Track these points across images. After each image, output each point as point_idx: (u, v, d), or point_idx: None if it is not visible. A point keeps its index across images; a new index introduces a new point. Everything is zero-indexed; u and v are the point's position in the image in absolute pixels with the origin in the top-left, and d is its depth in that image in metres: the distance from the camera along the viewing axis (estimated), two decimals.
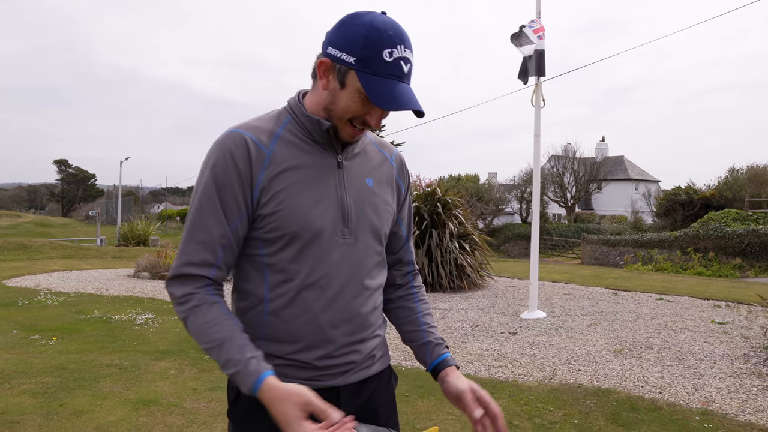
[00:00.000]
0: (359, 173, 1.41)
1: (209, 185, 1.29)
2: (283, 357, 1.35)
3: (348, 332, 1.37)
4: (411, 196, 1.61)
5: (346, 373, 1.40)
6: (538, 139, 8.18)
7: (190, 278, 1.30)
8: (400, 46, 1.24)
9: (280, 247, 1.31)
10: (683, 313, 8.34)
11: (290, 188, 1.30)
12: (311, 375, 1.36)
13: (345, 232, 1.35)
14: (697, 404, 4.44)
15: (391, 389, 1.54)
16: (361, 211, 1.38)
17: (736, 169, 31.07)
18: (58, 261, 15.41)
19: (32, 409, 3.98)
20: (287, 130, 1.35)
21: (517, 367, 5.50)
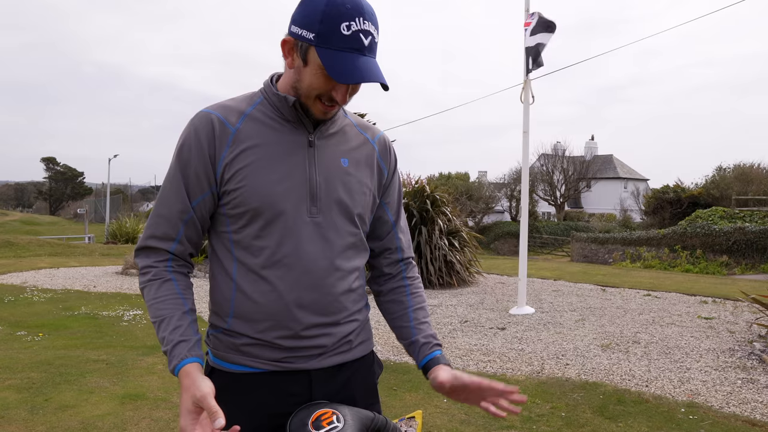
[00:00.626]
0: (333, 153, 1.39)
1: (175, 163, 1.34)
2: (250, 336, 1.34)
3: (316, 313, 1.34)
4: (399, 182, 1.57)
5: (319, 357, 1.37)
6: (527, 135, 8.21)
7: (152, 251, 1.35)
8: (358, 19, 1.22)
9: (244, 223, 1.32)
10: (670, 308, 8.40)
11: (253, 165, 1.31)
12: (281, 356, 1.35)
13: (313, 211, 1.34)
14: (682, 397, 4.48)
15: (372, 376, 1.51)
16: (332, 191, 1.36)
17: (723, 167, 31.34)
18: (46, 258, 15.27)
19: (17, 404, 3.95)
20: (258, 110, 1.36)
21: (505, 361, 5.52)
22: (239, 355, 1.36)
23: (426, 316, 1.52)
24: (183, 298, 1.34)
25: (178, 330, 1.28)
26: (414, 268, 1.59)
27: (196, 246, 1.40)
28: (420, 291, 1.56)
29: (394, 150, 1.54)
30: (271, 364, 1.35)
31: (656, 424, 3.91)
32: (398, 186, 1.55)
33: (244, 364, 1.36)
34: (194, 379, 1.23)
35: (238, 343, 1.36)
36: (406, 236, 1.57)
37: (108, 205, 33.15)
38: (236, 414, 1.34)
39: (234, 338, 1.36)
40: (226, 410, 1.35)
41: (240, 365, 1.36)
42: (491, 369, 5.26)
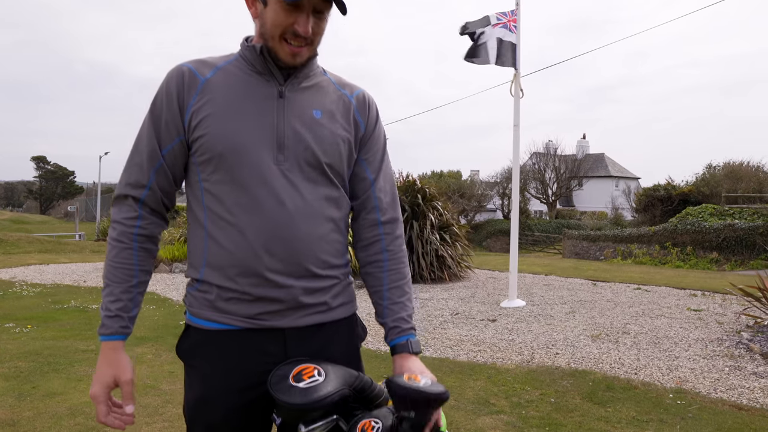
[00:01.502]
0: (305, 104, 1.39)
1: (148, 114, 1.39)
2: (222, 286, 1.34)
3: (285, 259, 1.32)
4: (383, 141, 1.54)
5: (294, 314, 1.36)
6: (518, 128, 8.23)
7: (125, 201, 1.39)
8: None
9: (212, 170, 1.34)
10: (660, 301, 8.45)
11: (219, 112, 1.33)
12: (254, 312, 1.34)
13: (279, 159, 1.34)
14: (671, 383, 4.51)
15: (354, 340, 1.50)
16: (300, 140, 1.36)
17: (713, 165, 31.53)
18: (35, 255, 15.18)
19: (4, 392, 3.92)
20: (232, 65, 1.39)
21: (495, 351, 5.53)
22: (214, 312, 1.35)
23: (402, 295, 1.48)
24: (136, 269, 1.38)
25: (118, 303, 1.34)
26: (398, 238, 1.52)
27: (169, 196, 1.42)
28: (400, 266, 1.50)
29: (375, 106, 1.52)
30: (245, 321, 1.34)
31: (645, 408, 3.93)
32: (381, 144, 1.52)
33: (218, 321, 1.35)
34: (120, 358, 1.32)
35: (211, 299, 1.35)
36: (387, 197, 1.51)
37: (99, 203, 32.97)
38: (210, 372, 1.34)
39: (207, 293, 1.36)
40: (201, 368, 1.36)
41: (215, 322, 1.35)
42: (481, 358, 5.27)
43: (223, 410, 1.34)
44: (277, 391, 1.20)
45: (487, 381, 4.55)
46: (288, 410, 1.19)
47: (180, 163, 1.39)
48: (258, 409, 1.35)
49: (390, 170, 1.55)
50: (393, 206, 1.52)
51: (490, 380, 4.57)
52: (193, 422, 1.38)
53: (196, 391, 1.36)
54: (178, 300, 8.36)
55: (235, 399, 1.34)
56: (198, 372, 1.36)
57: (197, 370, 1.37)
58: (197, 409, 1.36)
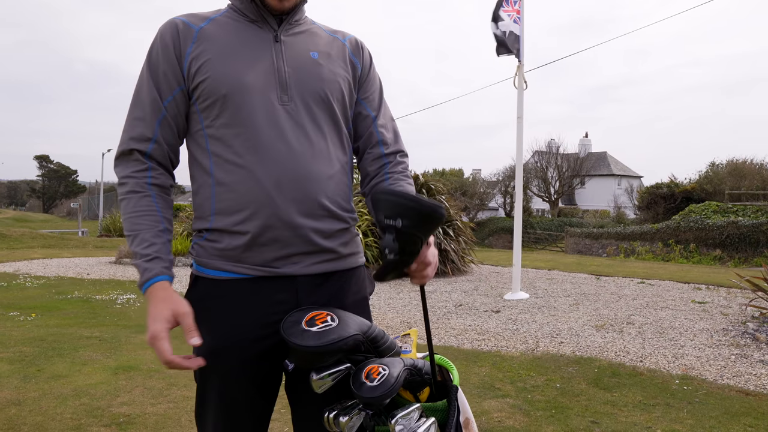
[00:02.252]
0: (302, 47, 1.41)
1: (145, 68, 1.37)
2: (233, 231, 1.31)
3: (297, 198, 1.31)
4: (379, 80, 1.55)
5: (305, 260, 1.35)
6: (521, 120, 8.22)
7: (131, 158, 1.35)
8: None
9: (216, 113, 1.32)
10: (664, 294, 8.43)
11: (220, 55, 1.33)
12: (265, 259, 1.32)
13: (284, 99, 1.34)
14: (677, 370, 4.49)
15: (363, 290, 1.48)
16: (302, 79, 1.37)
17: (716, 163, 31.47)
18: (39, 250, 15.20)
19: (9, 374, 3.92)
20: (223, 16, 1.40)
21: (499, 340, 5.52)
22: (223, 261, 1.33)
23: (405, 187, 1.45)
24: (161, 216, 1.33)
25: (153, 247, 1.28)
26: (401, 164, 1.52)
27: (174, 150, 1.39)
28: (402, 182, 1.47)
29: (368, 49, 1.55)
30: (256, 269, 1.32)
31: (651, 393, 3.91)
32: (378, 85, 1.54)
33: (228, 270, 1.33)
34: (172, 294, 1.26)
35: (221, 247, 1.33)
36: (389, 132, 1.52)
37: (102, 201, 33.01)
38: (221, 322, 1.33)
39: (217, 242, 1.34)
40: (210, 318, 1.33)
41: (224, 271, 1.33)
42: (486, 347, 5.26)
43: (236, 361, 1.32)
44: (290, 336, 1.18)
45: (492, 367, 4.53)
46: (301, 354, 1.17)
47: (182, 113, 1.37)
48: (270, 358, 1.33)
49: (389, 110, 1.57)
50: (396, 140, 1.53)
51: (495, 367, 4.55)
52: (205, 375, 1.36)
53: (207, 342, 1.32)
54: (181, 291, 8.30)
55: (248, 349, 1.32)
56: (208, 323, 1.32)
57: (207, 322, 1.33)
58: (209, 360, 1.32)
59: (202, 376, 1.38)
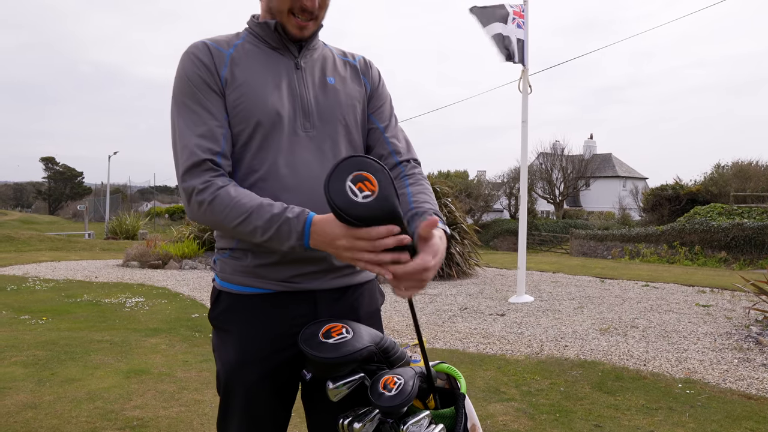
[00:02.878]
0: (320, 73, 1.48)
1: (187, 87, 1.36)
2: (258, 251, 1.37)
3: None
4: (389, 95, 1.61)
5: (324, 277, 1.42)
6: (526, 125, 8.27)
7: (203, 166, 1.31)
8: None
9: (245, 140, 1.37)
10: (668, 297, 8.46)
11: (250, 83, 1.38)
12: (286, 275, 1.39)
13: (306, 126, 1.41)
14: (680, 374, 4.54)
15: (375, 302, 1.56)
16: (322, 106, 1.44)
17: (721, 165, 31.42)
18: (46, 252, 15.32)
19: (24, 377, 4.01)
20: (246, 41, 1.45)
21: (504, 343, 5.58)
22: (246, 277, 1.40)
23: (427, 200, 1.44)
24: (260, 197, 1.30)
25: (276, 206, 1.26)
26: (416, 168, 1.55)
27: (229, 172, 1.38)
28: (422, 183, 1.50)
29: (377, 67, 1.62)
30: (277, 284, 1.39)
31: (654, 397, 3.97)
32: (387, 100, 1.60)
33: (250, 285, 1.40)
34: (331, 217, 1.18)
35: (245, 264, 1.40)
36: (403, 142, 1.58)
37: (108, 203, 33.19)
38: (245, 336, 1.39)
39: (241, 260, 1.40)
40: (234, 331, 1.40)
41: (247, 286, 1.40)
42: (491, 350, 5.32)
43: (259, 372, 1.39)
44: (308, 347, 1.25)
45: (497, 371, 4.59)
46: (319, 365, 1.24)
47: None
48: (290, 368, 1.40)
49: (399, 125, 1.61)
50: (408, 149, 1.58)
51: (500, 370, 4.61)
52: (229, 386, 1.42)
53: (231, 355, 1.40)
54: (189, 295, 8.44)
55: (270, 360, 1.39)
56: (232, 336, 1.41)
57: (231, 335, 1.41)
58: (234, 373, 1.40)
59: (226, 388, 1.44)
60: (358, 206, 1.11)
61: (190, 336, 5.52)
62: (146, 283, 9.64)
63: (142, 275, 10.81)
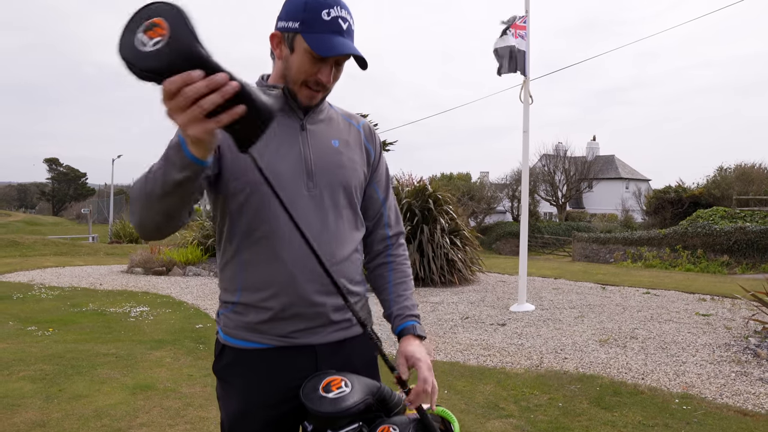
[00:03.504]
0: (324, 135, 1.54)
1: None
2: (259, 306, 1.44)
3: (320, 280, 1.44)
4: (386, 164, 1.71)
5: (323, 331, 1.49)
6: (527, 135, 8.34)
7: None
8: (336, 7, 1.40)
9: (245, 198, 1.42)
10: (669, 306, 8.52)
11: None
12: (287, 331, 1.46)
13: (309, 186, 1.47)
14: (677, 388, 4.60)
15: (371, 351, 1.62)
16: (326, 167, 1.50)
17: (724, 167, 31.40)
18: (51, 258, 15.42)
19: (32, 394, 4.09)
20: None
21: (504, 355, 5.64)
22: (248, 332, 1.47)
23: (406, 289, 1.63)
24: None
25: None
26: (401, 246, 1.70)
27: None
28: (403, 267, 1.67)
29: (377, 134, 1.70)
30: (278, 340, 1.46)
31: (651, 413, 4.03)
32: (385, 167, 1.70)
33: (253, 341, 1.46)
34: None
35: (247, 321, 1.46)
36: (394, 213, 1.70)
37: (111, 206, 33.31)
38: (248, 388, 1.46)
39: (243, 315, 1.47)
40: (238, 385, 1.47)
41: (249, 341, 1.47)
42: (491, 363, 5.38)
43: (261, 423, 1.46)
44: (309, 401, 1.32)
45: (496, 385, 4.66)
46: (319, 419, 1.32)
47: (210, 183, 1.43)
48: (292, 419, 1.47)
49: (393, 191, 1.73)
50: (398, 222, 1.71)
51: (499, 384, 4.68)
52: None
53: (234, 406, 1.47)
54: (193, 303, 8.52)
55: (272, 412, 1.46)
56: (235, 388, 1.48)
57: (235, 387, 1.48)
58: (237, 423, 1.47)
59: None
60: (148, 56, 0.97)
61: (195, 348, 5.59)
62: (150, 291, 9.73)
63: (146, 282, 10.90)
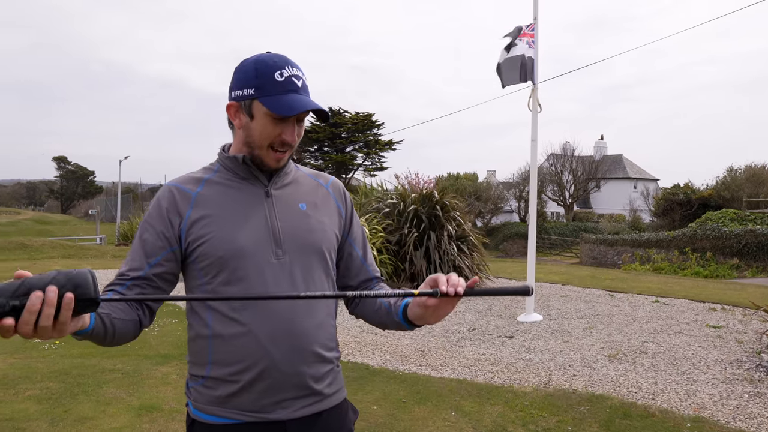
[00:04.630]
0: (291, 199, 1.52)
1: (139, 229, 1.48)
2: (229, 380, 1.42)
3: (291, 351, 1.42)
4: (357, 219, 1.69)
5: (294, 405, 1.45)
6: (535, 143, 8.26)
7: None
8: (287, 67, 1.43)
9: (215, 272, 1.42)
10: (679, 316, 8.43)
11: (217, 218, 1.44)
12: (258, 406, 1.42)
13: (278, 253, 1.45)
14: (689, 410, 4.53)
15: (348, 423, 1.58)
16: (294, 232, 1.48)
17: (734, 168, 31.20)
18: (59, 261, 15.47)
19: (38, 416, 4.07)
20: (217, 176, 1.51)
21: (512, 372, 5.59)
22: (218, 407, 1.43)
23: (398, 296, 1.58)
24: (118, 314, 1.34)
25: None
26: (380, 283, 1.70)
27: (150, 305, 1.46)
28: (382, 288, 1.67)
29: (346, 191, 1.68)
30: (248, 416, 1.42)
31: None
32: (358, 222, 1.69)
33: (223, 416, 1.43)
34: None
35: (216, 395, 1.43)
36: (372, 264, 1.70)
37: (119, 207, 33.43)
38: None
39: (213, 389, 1.44)
40: None
41: (219, 417, 1.43)
42: (498, 380, 5.33)
43: None
44: None
45: (504, 406, 4.61)
46: None
47: (170, 272, 1.46)
48: None
49: (368, 243, 1.74)
50: (375, 268, 1.72)
51: (507, 405, 4.62)
52: None
53: None
54: None
55: None
56: None
57: None
58: None
59: None
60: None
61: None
62: None
63: None
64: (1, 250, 16.54)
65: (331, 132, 40.07)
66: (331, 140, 40.42)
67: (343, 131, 40.48)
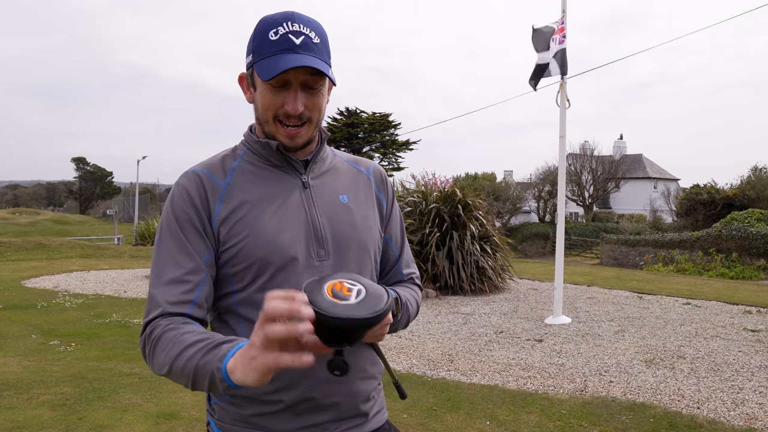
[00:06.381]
0: (330, 190, 1.31)
1: (171, 223, 1.21)
2: (259, 399, 1.21)
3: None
4: (399, 212, 1.48)
5: (335, 428, 1.26)
6: (564, 140, 7.98)
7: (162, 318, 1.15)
8: (286, 23, 1.19)
9: (251, 279, 1.21)
10: (713, 319, 8.10)
11: (252, 215, 1.21)
12: (291, 427, 1.22)
13: (321, 254, 1.25)
14: (739, 421, 4.24)
15: None
16: (337, 230, 1.27)
17: (759, 167, 30.52)
18: (77, 261, 15.43)
19: (51, 423, 3.88)
20: (245, 161, 1.29)
21: (546, 377, 5.32)
22: (247, 427, 1.23)
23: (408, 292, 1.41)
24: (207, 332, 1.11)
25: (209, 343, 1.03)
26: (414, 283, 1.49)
27: (209, 311, 1.24)
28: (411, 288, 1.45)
29: (388, 179, 1.46)
30: None
31: None
32: (399, 217, 1.48)
33: None
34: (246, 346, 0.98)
35: (245, 414, 1.23)
36: (410, 267, 1.50)
37: (137, 207, 33.55)
38: None
39: (242, 408, 1.23)
40: None
41: None
42: (532, 386, 5.07)
43: None
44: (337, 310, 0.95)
45: (541, 414, 4.35)
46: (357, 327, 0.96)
47: (214, 276, 1.23)
48: None
49: (407, 240, 1.51)
50: (412, 268, 1.51)
51: (544, 413, 4.37)
52: None
53: None
54: None
55: None
56: None
57: None
58: None
59: None
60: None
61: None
62: None
63: None
64: (20, 250, 16.55)
65: (348, 132, 40.00)
66: (348, 140, 40.31)
67: (359, 131, 40.40)
